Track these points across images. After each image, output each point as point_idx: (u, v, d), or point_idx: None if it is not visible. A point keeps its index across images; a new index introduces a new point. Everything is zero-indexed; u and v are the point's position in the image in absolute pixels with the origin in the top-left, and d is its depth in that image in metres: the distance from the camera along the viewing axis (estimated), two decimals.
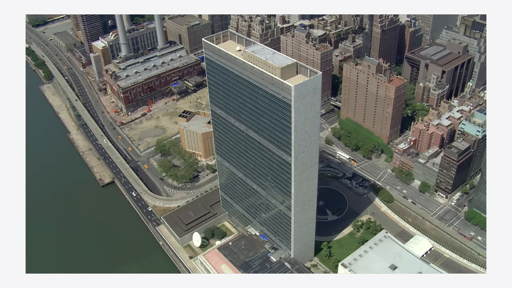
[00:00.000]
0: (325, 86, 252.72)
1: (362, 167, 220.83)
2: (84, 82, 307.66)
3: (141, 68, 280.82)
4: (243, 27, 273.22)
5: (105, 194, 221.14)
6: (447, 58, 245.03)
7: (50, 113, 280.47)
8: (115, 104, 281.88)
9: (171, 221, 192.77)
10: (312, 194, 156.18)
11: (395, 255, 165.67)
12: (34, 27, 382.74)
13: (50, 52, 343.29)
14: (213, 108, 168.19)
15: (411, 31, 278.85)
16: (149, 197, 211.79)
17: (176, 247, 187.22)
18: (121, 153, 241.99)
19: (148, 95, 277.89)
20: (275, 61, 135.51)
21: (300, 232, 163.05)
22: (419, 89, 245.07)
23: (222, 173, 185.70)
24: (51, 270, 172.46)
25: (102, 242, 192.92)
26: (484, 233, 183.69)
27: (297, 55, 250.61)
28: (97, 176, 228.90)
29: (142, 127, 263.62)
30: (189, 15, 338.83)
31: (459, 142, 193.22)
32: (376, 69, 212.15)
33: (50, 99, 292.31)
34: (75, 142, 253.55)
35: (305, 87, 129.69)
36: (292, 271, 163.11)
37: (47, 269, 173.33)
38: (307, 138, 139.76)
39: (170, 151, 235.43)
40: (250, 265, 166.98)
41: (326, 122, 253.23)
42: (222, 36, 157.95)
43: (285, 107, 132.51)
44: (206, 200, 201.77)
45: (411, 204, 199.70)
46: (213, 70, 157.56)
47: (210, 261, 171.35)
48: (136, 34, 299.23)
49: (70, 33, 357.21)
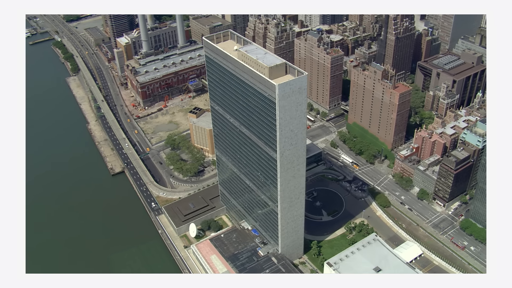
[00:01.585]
0: (335, 90, 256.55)
1: (364, 171, 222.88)
2: (108, 76, 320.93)
3: (161, 65, 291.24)
4: (260, 29, 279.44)
5: (114, 182, 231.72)
6: (459, 68, 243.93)
7: (72, 103, 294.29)
8: (134, 99, 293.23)
9: (171, 211, 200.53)
10: (299, 192, 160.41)
11: (381, 258, 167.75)
12: (68, 22, 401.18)
13: (79, 46, 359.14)
14: (212, 104, 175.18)
15: (427, 39, 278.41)
16: (154, 187, 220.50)
17: (173, 236, 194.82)
18: (134, 145, 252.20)
19: (165, 91, 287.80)
20: (265, 61, 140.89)
21: (287, 228, 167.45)
22: (429, 98, 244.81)
23: (221, 168, 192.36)
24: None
25: (105, 227, 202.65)
26: (477, 243, 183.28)
27: (309, 59, 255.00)
28: (109, 165, 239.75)
29: (157, 122, 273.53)
30: (214, 16, 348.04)
31: (459, 151, 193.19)
32: (382, 75, 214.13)
33: (74, 90, 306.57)
34: (92, 133, 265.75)
35: (290, 86, 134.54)
36: (277, 266, 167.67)
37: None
38: (293, 136, 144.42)
39: (180, 145, 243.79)
40: (238, 257, 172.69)
41: (334, 125, 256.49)
42: (223, 35, 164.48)
43: (270, 104, 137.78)
44: (206, 194, 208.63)
45: (407, 210, 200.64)
46: (211, 68, 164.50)
47: (201, 251, 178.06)
48: (159, 32, 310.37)
49: (99, 29, 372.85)
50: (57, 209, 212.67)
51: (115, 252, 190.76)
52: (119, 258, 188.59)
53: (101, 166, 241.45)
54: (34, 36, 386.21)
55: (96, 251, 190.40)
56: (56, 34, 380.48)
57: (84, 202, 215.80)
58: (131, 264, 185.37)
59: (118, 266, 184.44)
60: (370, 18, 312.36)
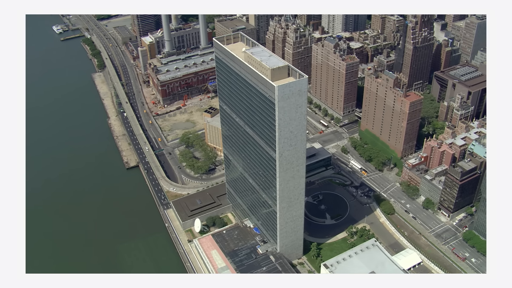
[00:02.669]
0: (350, 97, 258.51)
1: (372, 178, 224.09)
2: (132, 73, 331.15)
3: (182, 64, 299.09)
4: (279, 34, 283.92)
5: (128, 176, 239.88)
6: (476, 80, 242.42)
7: (96, 98, 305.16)
8: (154, 96, 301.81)
9: (179, 206, 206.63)
10: (299, 192, 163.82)
11: (378, 263, 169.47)
12: (98, 20, 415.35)
13: (107, 44, 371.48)
14: (221, 103, 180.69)
15: (447, 50, 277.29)
16: (165, 182, 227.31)
17: (179, 230, 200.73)
18: (150, 141, 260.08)
19: (185, 90, 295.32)
20: (268, 63, 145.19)
21: (286, 228, 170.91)
22: (443, 108, 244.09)
23: (227, 167, 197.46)
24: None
25: (115, 218, 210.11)
26: (479, 255, 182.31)
27: (326, 64, 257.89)
28: (125, 159, 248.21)
29: (174, 119, 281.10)
30: (238, 20, 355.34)
31: (465, 162, 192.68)
32: (394, 83, 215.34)
33: (98, 86, 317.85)
34: (112, 127, 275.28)
35: (289, 88, 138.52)
36: (274, 265, 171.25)
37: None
38: (292, 137, 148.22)
39: (194, 143, 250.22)
40: (237, 254, 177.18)
41: (347, 132, 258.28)
42: (233, 37, 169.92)
43: (270, 105, 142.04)
44: (214, 191, 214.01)
45: (411, 218, 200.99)
46: (220, 68, 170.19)
47: (203, 245, 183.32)
48: (182, 33, 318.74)
49: (128, 28, 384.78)
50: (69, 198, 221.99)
51: (122, 243, 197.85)
52: (126, 248, 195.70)
53: (117, 159, 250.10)
54: (66, 32, 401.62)
55: (105, 240, 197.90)
56: (87, 31, 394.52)
57: (96, 194, 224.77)
58: (137, 254, 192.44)
59: (124, 255, 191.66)
60: (391, 27, 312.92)
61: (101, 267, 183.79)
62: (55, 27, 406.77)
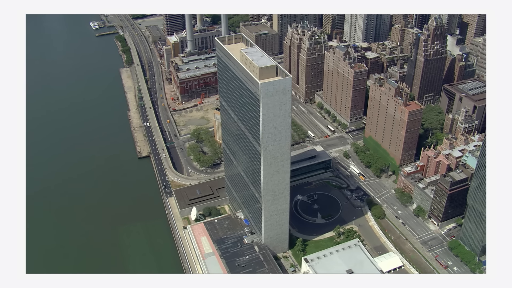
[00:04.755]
0: (357, 104, 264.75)
1: (369, 183, 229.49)
2: (157, 70, 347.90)
3: (202, 64, 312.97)
4: (295, 40, 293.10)
5: (139, 164, 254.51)
6: (483, 95, 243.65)
7: (120, 91, 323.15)
8: (174, 93, 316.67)
9: (179, 195, 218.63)
10: (284, 187, 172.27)
11: (357, 263, 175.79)
12: (133, 19, 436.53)
13: (138, 41, 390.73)
14: (220, 99, 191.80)
15: (460, 65, 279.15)
16: (171, 173, 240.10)
17: (177, 217, 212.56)
18: (163, 134, 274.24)
19: (202, 89, 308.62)
20: (259, 62, 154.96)
21: (271, 220, 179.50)
22: (448, 121, 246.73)
23: (226, 160, 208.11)
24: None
25: (120, 202, 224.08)
26: (462, 265, 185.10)
27: (336, 71, 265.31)
28: (138, 149, 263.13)
29: (190, 116, 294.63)
30: (263, 25, 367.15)
31: (457, 172, 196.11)
32: (396, 91, 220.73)
33: (124, 80, 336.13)
34: (130, 119, 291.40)
35: (273, 86, 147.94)
36: (257, 254, 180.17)
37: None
38: (276, 133, 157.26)
39: (203, 138, 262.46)
40: (224, 241, 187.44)
41: (352, 138, 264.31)
42: (235, 38, 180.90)
43: (256, 101, 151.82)
44: (214, 184, 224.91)
45: (400, 224, 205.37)
46: (220, 66, 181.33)
47: (194, 232, 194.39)
48: (206, 34, 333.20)
49: (159, 27, 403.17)
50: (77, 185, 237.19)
51: (123, 225, 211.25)
52: (126, 230, 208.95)
53: (131, 149, 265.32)
54: (102, 29, 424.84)
55: (107, 221, 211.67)
56: (120, 28, 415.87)
57: (106, 180, 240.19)
58: (135, 236, 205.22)
59: (124, 237, 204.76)
60: (410, 39, 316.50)
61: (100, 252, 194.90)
62: (92, 23, 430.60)
